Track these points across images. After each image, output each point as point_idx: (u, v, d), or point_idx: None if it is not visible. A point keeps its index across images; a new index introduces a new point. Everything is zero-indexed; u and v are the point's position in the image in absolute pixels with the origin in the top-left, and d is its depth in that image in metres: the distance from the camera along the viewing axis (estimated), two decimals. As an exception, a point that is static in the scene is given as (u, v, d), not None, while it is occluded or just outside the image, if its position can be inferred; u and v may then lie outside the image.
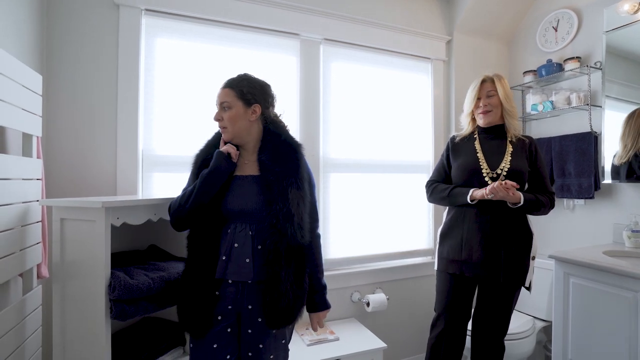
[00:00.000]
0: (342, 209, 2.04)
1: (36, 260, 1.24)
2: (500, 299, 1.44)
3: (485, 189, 1.34)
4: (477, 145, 1.50)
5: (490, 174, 1.42)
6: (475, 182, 1.44)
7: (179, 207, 1.08)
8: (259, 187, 1.08)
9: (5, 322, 1.04)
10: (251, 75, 1.16)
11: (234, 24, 1.79)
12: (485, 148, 1.48)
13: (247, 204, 1.07)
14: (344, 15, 1.99)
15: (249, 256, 1.06)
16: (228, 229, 1.08)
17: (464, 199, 1.42)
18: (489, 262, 1.39)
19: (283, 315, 1.04)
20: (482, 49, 2.36)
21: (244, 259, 1.06)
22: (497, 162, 1.44)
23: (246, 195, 1.08)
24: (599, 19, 1.91)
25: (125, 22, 1.58)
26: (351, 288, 2.02)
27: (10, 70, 1.07)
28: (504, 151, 1.47)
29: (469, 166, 1.46)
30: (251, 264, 1.06)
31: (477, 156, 1.47)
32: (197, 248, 1.08)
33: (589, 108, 1.90)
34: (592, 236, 1.95)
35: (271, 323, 1.04)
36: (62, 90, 1.50)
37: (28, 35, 1.34)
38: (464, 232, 1.44)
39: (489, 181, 1.41)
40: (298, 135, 1.92)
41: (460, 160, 1.51)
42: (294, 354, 1.59)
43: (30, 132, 1.21)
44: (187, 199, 1.07)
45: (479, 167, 1.44)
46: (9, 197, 1.07)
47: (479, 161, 1.46)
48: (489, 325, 1.47)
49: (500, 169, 1.42)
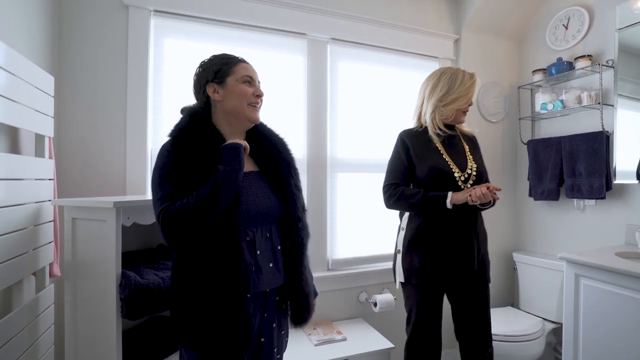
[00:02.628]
0: (350, 208, 2.04)
1: (48, 260, 1.26)
2: (479, 301, 1.40)
3: (470, 194, 1.28)
4: (438, 145, 1.41)
5: (461, 176, 1.37)
6: (444, 185, 1.36)
7: (202, 213, 0.83)
8: (266, 184, 1.01)
9: (19, 320, 1.06)
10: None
11: (241, 24, 1.79)
12: (446, 148, 1.42)
13: (262, 204, 0.97)
14: (351, 15, 1.98)
15: (271, 260, 0.98)
16: (245, 235, 0.93)
17: (441, 204, 1.31)
18: (468, 266, 1.36)
19: (307, 311, 1.04)
20: (490, 47, 2.34)
21: (267, 264, 0.97)
22: (463, 163, 1.40)
23: (259, 195, 0.98)
24: (611, 16, 1.88)
25: (135, 23, 1.59)
26: (358, 288, 2.02)
27: (23, 72, 1.08)
28: (463, 150, 1.44)
29: (441, 168, 1.36)
30: (274, 267, 0.99)
31: (444, 158, 1.39)
32: (216, 264, 0.88)
33: (601, 107, 1.87)
34: (603, 237, 1.92)
35: (298, 321, 1.03)
36: (73, 91, 1.52)
37: (40, 37, 1.36)
38: (441, 238, 1.35)
39: (460, 184, 1.36)
40: (305, 135, 1.93)
41: (427, 161, 1.38)
42: (302, 354, 1.59)
43: (43, 132, 1.22)
44: (214, 202, 0.84)
45: (449, 169, 1.37)
46: (22, 197, 1.08)
47: (447, 163, 1.38)
48: (477, 332, 1.41)
49: (470, 168, 1.39)
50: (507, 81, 2.39)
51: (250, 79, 0.99)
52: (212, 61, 1.01)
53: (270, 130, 1.09)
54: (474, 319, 1.41)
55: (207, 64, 1.01)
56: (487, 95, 2.32)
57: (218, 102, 0.98)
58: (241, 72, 0.99)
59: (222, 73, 0.98)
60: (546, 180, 2.10)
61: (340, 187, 2.02)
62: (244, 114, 0.98)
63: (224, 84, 0.97)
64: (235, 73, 0.98)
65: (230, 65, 0.99)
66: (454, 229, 1.36)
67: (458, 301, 1.43)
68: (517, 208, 2.42)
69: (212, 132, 0.96)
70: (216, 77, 0.98)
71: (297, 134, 1.92)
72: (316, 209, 1.93)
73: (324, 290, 1.93)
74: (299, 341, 1.71)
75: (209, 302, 0.88)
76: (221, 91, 0.98)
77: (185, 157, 0.89)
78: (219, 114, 1.00)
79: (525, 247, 2.36)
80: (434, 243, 1.37)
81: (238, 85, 0.97)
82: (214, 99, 0.98)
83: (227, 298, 0.87)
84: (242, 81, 0.98)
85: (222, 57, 1.01)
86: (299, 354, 1.59)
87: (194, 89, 1.03)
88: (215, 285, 0.88)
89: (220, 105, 0.99)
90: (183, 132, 0.94)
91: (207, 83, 0.98)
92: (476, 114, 2.30)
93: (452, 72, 1.41)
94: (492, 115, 2.34)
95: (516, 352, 1.80)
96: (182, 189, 0.87)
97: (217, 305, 0.87)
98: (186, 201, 0.84)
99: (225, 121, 1.00)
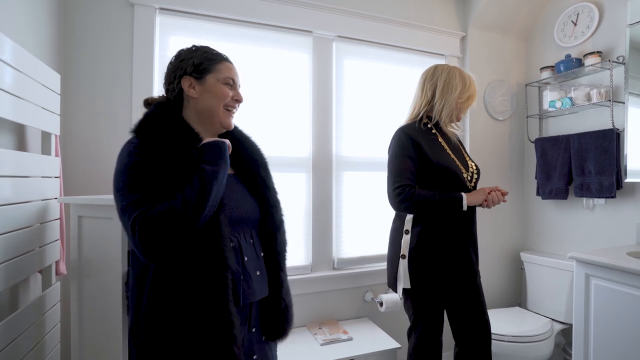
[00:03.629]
0: (355, 207, 2.02)
1: (55, 257, 1.26)
2: (478, 300, 1.39)
3: (486, 199, 1.29)
4: (443, 144, 1.37)
5: (467, 176, 1.35)
6: (453, 185, 1.32)
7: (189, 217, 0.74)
8: (244, 187, 0.95)
9: (25, 318, 1.06)
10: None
11: (246, 22, 1.78)
12: (449, 147, 1.39)
13: (243, 208, 0.91)
14: (357, 12, 1.97)
15: (257, 268, 0.92)
16: (230, 241, 0.84)
17: (458, 206, 1.28)
18: (471, 270, 1.35)
19: (287, 322, 0.97)
20: (497, 45, 2.31)
21: (255, 272, 0.90)
22: (464, 162, 1.38)
23: (239, 199, 0.91)
24: (622, 12, 1.85)
25: (140, 21, 1.59)
26: (364, 287, 2.00)
27: (30, 70, 1.08)
28: (460, 149, 1.43)
29: (451, 167, 1.32)
30: (261, 275, 0.93)
31: (451, 157, 1.34)
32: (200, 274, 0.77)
33: (611, 104, 1.84)
34: (613, 236, 1.90)
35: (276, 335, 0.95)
36: (79, 89, 1.52)
37: (46, 34, 1.36)
38: (448, 243, 1.32)
39: (467, 184, 1.34)
40: (310, 133, 1.92)
41: (440, 159, 1.32)
42: (308, 353, 1.58)
43: (49, 130, 1.22)
44: (202, 205, 0.76)
45: (458, 168, 1.33)
46: (28, 195, 1.08)
47: (455, 162, 1.34)
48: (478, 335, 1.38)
49: (471, 170, 1.37)
50: (514, 79, 2.37)
51: (232, 81, 0.92)
52: (193, 53, 0.91)
53: (242, 132, 1.02)
54: (473, 322, 1.39)
55: (186, 54, 0.91)
56: (493, 94, 2.29)
57: (192, 98, 0.89)
58: (224, 71, 0.90)
59: (203, 68, 0.88)
60: (554, 179, 2.07)
61: (346, 186, 2.00)
62: (218, 117, 0.90)
63: (202, 80, 0.88)
64: (217, 71, 0.90)
65: (213, 61, 0.90)
66: (459, 232, 1.34)
67: (457, 304, 1.39)
68: (524, 207, 2.39)
69: (185, 128, 0.86)
70: (195, 71, 0.88)
71: (303, 132, 1.91)
72: (321, 208, 1.92)
73: (329, 290, 1.92)
74: (305, 341, 1.70)
75: (190, 317, 0.76)
76: (198, 87, 0.89)
77: (158, 156, 0.79)
78: (191, 111, 0.90)
79: (533, 247, 2.33)
80: (440, 248, 1.33)
81: (218, 85, 0.89)
82: (189, 94, 0.89)
83: (212, 311, 0.76)
84: (224, 82, 0.90)
85: (205, 51, 0.91)
86: (305, 353, 1.58)
87: (165, 79, 0.93)
88: (199, 297, 0.76)
89: (193, 103, 0.90)
90: (153, 127, 0.83)
91: (184, 76, 0.89)
92: (483, 112, 2.28)
93: (458, 70, 1.40)
94: (498, 113, 2.31)
95: (524, 353, 1.78)
96: (156, 191, 0.76)
97: (199, 319, 0.76)
98: (168, 205, 0.74)
99: (196, 120, 0.90)
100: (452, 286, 1.34)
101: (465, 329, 1.39)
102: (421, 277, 1.32)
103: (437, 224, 1.33)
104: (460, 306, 1.39)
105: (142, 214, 0.74)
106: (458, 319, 1.40)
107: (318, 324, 1.87)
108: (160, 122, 0.84)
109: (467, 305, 1.38)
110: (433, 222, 1.33)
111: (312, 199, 1.91)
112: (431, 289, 1.34)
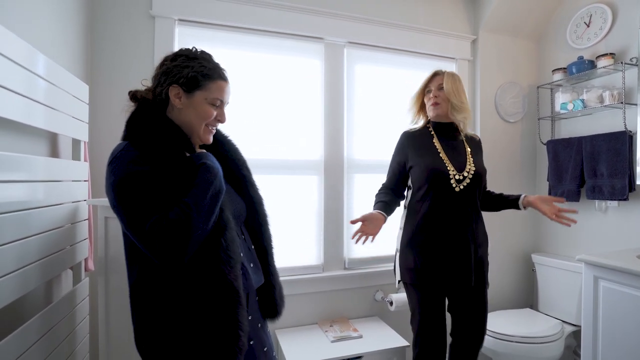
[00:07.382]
0: (367, 208, 2.06)
1: (84, 255, 1.36)
2: (476, 303, 1.42)
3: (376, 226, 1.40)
4: (437, 144, 1.44)
5: (457, 176, 1.39)
6: (438, 184, 1.37)
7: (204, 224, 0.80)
8: (229, 186, 0.99)
9: (59, 310, 1.15)
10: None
11: (259, 30, 1.85)
12: (445, 148, 1.43)
13: (235, 206, 0.97)
14: (368, 19, 2.01)
15: (251, 260, 0.98)
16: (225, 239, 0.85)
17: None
18: (463, 267, 1.37)
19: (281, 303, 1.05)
20: (508, 47, 2.32)
21: (249, 264, 0.96)
22: (462, 164, 1.41)
23: (231, 198, 0.97)
24: (635, 13, 1.83)
25: (161, 32, 1.68)
26: (374, 287, 2.05)
27: (62, 82, 1.17)
28: (464, 151, 1.45)
29: (435, 167, 1.38)
30: (255, 267, 0.99)
31: (440, 157, 1.40)
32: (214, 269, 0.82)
33: (624, 106, 1.83)
34: (626, 239, 1.88)
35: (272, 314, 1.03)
36: (105, 98, 1.61)
37: (76, 47, 1.46)
38: (436, 239, 1.38)
39: (454, 184, 1.38)
40: (322, 137, 1.97)
41: (422, 159, 1.41)
42: (319, 349, 1.64)
43: (79, 137, 1.32)
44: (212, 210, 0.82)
45: (445, 168, 1.38)
46: (60, 197, 1.17)
47: (444, 162, 1.39)
48: (471, 333, 1.43)
49: (467, 171, 1.40)
50: (526, 81, 2.36)
51: (220, 102, 0.92)
52: (191, 62, 0.89)
53: (221, 132, 1.05)
54: (470, 320, 1.43)
55: (185, 61, 0.89)
56: (505, 96, 2.30)
57: (176, 107, 0.89)
58: (214, 92, 0.90)
59: (194, 83, 0.87)
60: (566, 181, 2.07)
61: (357, 188, 2.05)
62: (197, 133, 0.91)
63: (190, 95, 0.88)
64: (207, 90, 0.89)
65: (207, 79, 0.89)
66: (449, 230, 1.38)
67: (456, 301, 1.45)
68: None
69: (178, 133, 0.88)
70: (186, 84, 0.87)
71: (315, 135, 1.97)
72: (333, 209, 1.98)
73: (340, 289, 1.97)
74: (316, 337, 1.76)
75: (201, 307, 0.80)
76: (184, 100, 0.88)
77: (160, 163, 0.81)
78: (175, 116, 0.90)
79: (545, 249, 2.32)
80: (428, 243, 1.38)
81: (204, 105, 0.89)
82: (173, 103, 0.89)
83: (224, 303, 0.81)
84: (211, 102, 0.90)
85: (202, 65, 0.89)
86: (315, 349, 1.64)
87: (158, 77, 0.91)
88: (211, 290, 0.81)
89: (177, 112, 0.90)
90: (148, 134, 0.84)
91: (173, 84, 0.88)
92: (494, 114, 2.29)
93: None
94: (510, 115, 2.32)
95: (534, 353, 1.79)
96: (163, 197, 0.79)
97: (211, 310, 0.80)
98: (181, 210, 0.77)
99: (179, 125, 0.91)
100: (442, 282, 1.38)
101: (458, 323, 1.46)
102: (407, 270, 1.42)
103: (425, 221, 1.39)
104: (454, 300, 1.45)
105: (159, 220, 0.76)
106: (453, 311, 1.47)
107: (329, 321, 1.92)
108: (152, 127, 0.85)
109: (461, 299, 1.43)
110: (421, 220, 1.40)
111: (324, 201, 1.97)
112: (417, 281, 1.40)
